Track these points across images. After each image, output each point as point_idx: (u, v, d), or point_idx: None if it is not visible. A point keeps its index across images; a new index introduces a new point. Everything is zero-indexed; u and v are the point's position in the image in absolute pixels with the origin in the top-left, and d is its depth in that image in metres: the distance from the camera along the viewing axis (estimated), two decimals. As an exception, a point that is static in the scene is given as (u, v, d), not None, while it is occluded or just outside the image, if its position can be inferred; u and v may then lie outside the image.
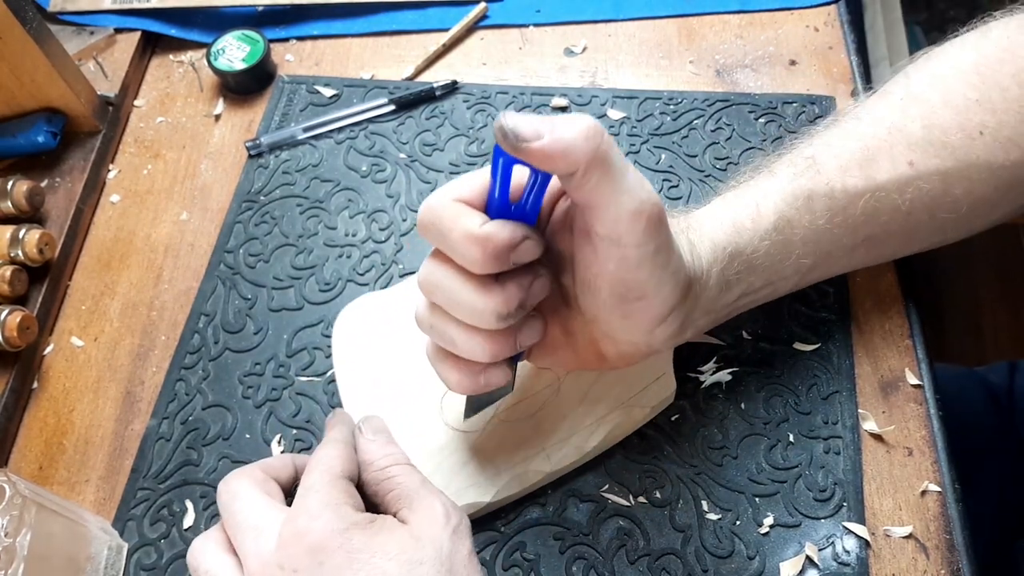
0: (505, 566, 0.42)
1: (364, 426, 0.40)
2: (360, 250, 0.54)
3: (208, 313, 0.52)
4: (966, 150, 0.40)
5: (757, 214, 0.39)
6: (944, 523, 0.41)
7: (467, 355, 0.36)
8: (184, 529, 0.45)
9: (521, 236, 0.33)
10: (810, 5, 0.62)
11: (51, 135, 0.58)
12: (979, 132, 0.40)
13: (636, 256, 0.34)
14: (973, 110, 0.40)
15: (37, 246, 0.51)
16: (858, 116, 0.42)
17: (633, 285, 0.35)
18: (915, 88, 0.42)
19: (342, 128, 0.59)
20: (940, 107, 0.41)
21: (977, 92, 0.40)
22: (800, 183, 0.40)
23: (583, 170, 0.31)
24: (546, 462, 0.42)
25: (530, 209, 0.34)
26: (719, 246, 0.38)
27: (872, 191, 0.40)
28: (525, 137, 0.30)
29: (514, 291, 0.34)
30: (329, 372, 0.49)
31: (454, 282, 0.35)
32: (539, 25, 0.64)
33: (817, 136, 0.42)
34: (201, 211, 0.57)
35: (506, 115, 0.31)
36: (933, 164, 0.40)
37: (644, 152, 0.56)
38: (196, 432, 0.48)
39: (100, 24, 0.65)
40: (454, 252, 0.34)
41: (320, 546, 0.32)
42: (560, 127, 0.31)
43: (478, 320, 0.35)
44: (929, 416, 0.44)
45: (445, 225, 0.34)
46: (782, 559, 0.41)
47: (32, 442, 0.49)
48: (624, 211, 0.32)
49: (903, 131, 0.40)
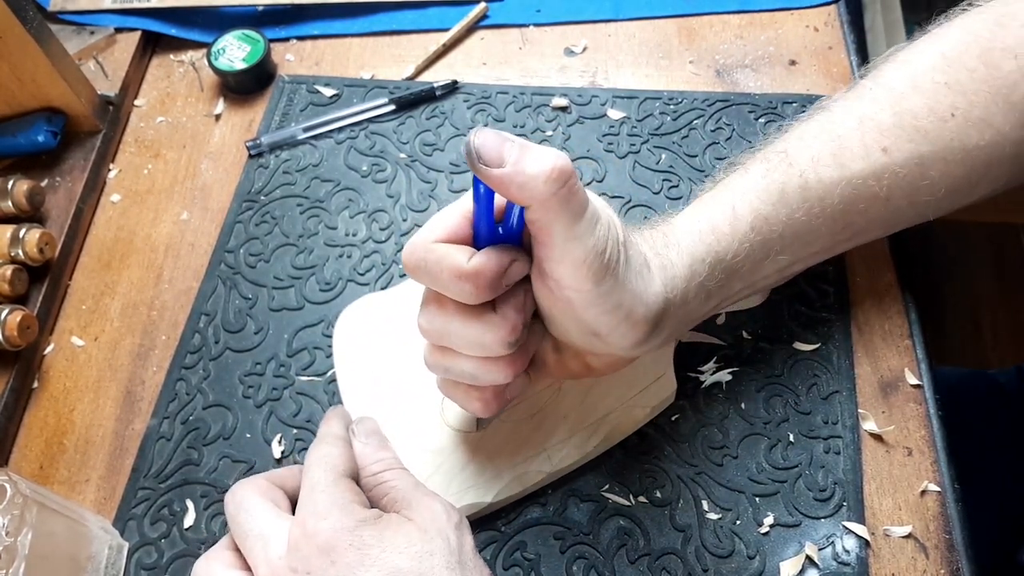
0: (505, 566, 0.42)
1: (357, 428, 0.40)
2: (360, 250, 0.54)
3: (208, 313, 0.52)
4: (938, 133, 0.40)
5: (734, 217, 0.39)
6: (944, 523, 0.41)
7: (488, 383, 0.37)
8: (184, 529, 0.45)
9: (509, 260, 0.34)
10: (810, 5, 0.62)
11: (51, 135, 0.58)
12: (950, 114, 0.40)
13: (580, 300, 0.34)
14: (943, 92, 0.40)
15: (37, 246, 0.51)
16: (830, 109, 0.43)
17: (588, 323, 0.35)
18: (884, 78, 0.42)
19: (342, 128, 0.59)
20: (910, 92, 0.41)
21: (945, 75, 0.40)
22: (773, 178, 0.40)
23: (537, 207, 0.31)
24: (547, 462, 0.42)
25: (515, 227, 0.35)
26: (698, 259, 0.38)
27: (847, 180, 0.40)
28: (487, 161, 0.30)
29: (514, 315, 0.35)
30: (329, 372, 0.49)
31: (455, 324, 0.35)
32: (539, 25, 0.64)
33: (790, 131, 0.42)
34: (201, 211, 0.58)
35: (478, 133, 0.30)
36: (907, 149, 0.40)
37: (644, 152, 0.56)
38: (197, 432, 0.48)
39: (100, 24, 0.65)
40: (447, 291, 0.34)
41: (331, 545, 0.32)
42: (526, 160, 0.30)
43: (490, 352, 0.35)
44: (929, 416, 0.44)
45: (432, 269, 0.34)
46: (782, 559, 0.41)
47: (33, 442, 0.50)
48: (568, 258, 0.32)
49: (874, 119, 0.41)
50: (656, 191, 0.54)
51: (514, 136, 0.31)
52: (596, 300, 0.34)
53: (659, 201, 0.53)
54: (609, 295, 0.34)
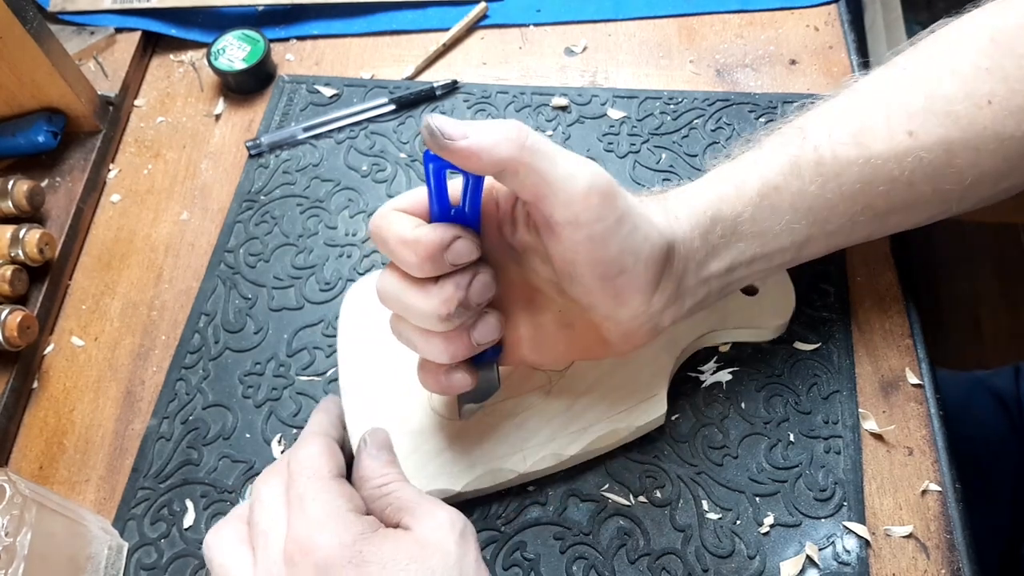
0: (505, 566, 0.42)
1: (369, 439, 0.40)
2: (360, 250, 0.54)
3: (208, 313, 0.52)
4: (971, 119, 0.38)
5: (741, 181, 0.39)
6: (944, 523, 0.41)
7: (428, 357, 0.38)
8: (184, 529, 0.45)
9: (451, 236, 0.34)
10: (810, 5, 0.62)
11: (51, 135, 0.58)
12: (987, 101, 0.38)
13: (600, 231, 0.34)
14: (982, 79, 0.38)
15: (37, 246, 0.51)
16: (856, 88, 0.41)
17: (608, 261, 0.35)
18: (921, 57, 0.41)
19: (342, 128, 0.59)
20: (947, 77, 0.39)
21: (989, 60, 0.38)
22: (786, 150, 0.39)
23: (513, 167, 0.32)
24: (521, 463, 0.42)
25: (469, 212, 0.36)
26: (698, 210, 0.38)
27: (866, 159, 0.39)
28: (451, 136, 0.32)
29: (451, 291, 0.35)
30: (329, 372, 0.49)
31: (399, 288, 0.36)
32: (539, 25, 0.64)
33: (811, 109, 0.42)
34: (201, 211, 0.57)
35: (432, 116, 0.32)
36: (936, 133, 0.39)
37: (644, 152, 0.56)
38: (196, 432, 0.48)
39: (100, 24, 0.65)
40: (395, 257, 0.35)
41: (328, 563, 0.32)
42: (484, 127, 0.32)
43: (424, 322, 0.36)
44: (929, 415, 0.44)
45: (384, 234, 0.35)
46: (782, 559, 0.41)
47: (32, 442, 0.49)
48: (575, 192, 0.33)
49: (902, 101, 0.39)
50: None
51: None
52: (615, 226, 0.34)
53: (659, 201, 0.53)
54: (625, 218, 0.34)
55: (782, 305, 0.46)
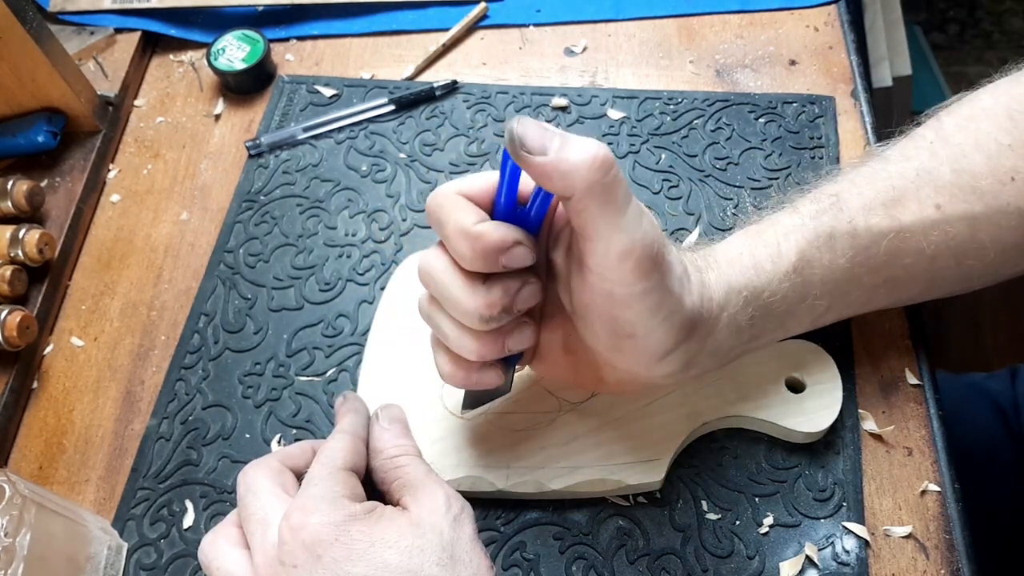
0: (505, 566, 0.42)
1: (382, 413, 0.41)
2: (360, 250, 0.54)
3: (208, 313, 0.52)
4: (996, 195, 0.39)
5: (778, 254, 0.38)
6: (944, 523, 0.41)
7: (457, 351, 0.37)
8: (184, 529, 0.45)
9: (512, 240, 0.33)
10: (810, 5, 0.62)
11: (51, 135, 0.58)
12: (1010, 178, 0.39)
13: (623, 295, 0.33)
14: (1005, 155, 0.39)
15: (37, 246, 0.51)
16: (886, 157, 0.41)
17: (622, 322, 0.35)
18: (947, 131, 0.41)
19: (342, 128, 0.59)
20: (971, 151, 0.39)
21: (1010, 137, 0.39)
22: (823, 220, 0.39)
23: (579, 197, 0.31)
24: (502, 480, 0.42)
25: (534, 216, 0.34)
26: (734, 289, 0.37)
27: (896, 231, 0.39)
28: (530, 149, 0.30)
29: (499, 294, 0.34)
30: (329, 372, 0.49)
31: (446, 275, 0.35)
32: (539, 25, 0.64)
33: (843, 175, 0.41)
34: (201, 211, 0.57)
35: (520, 120, 0.30)
36: (961, 208, 0.39)
37: (644, 152, 0.56)
38: (196, 432, 0.48)
39: (100, 24, 0.65)
40: (449, 244, 0.34)
41: (316, 540, 0.32)
42: (569, 148, 0.30)
43: (463, 318, 0.35)
44: (929, 416, 0.44)
45: (443, 217, 0.34)
46: (782, 559, 0.41)
47: (32, 442, 0.49)
48: (613, 249, 0.32)
49: (932, 173, 0.39)
50: (656, 191, 0.54)
51: (554, 127, 0.31)
52: (640, 297, 0.33)
53: (659, 201, 0.53)
54: (652, 292, 0.33)
55: (823, 415, 0.42)
